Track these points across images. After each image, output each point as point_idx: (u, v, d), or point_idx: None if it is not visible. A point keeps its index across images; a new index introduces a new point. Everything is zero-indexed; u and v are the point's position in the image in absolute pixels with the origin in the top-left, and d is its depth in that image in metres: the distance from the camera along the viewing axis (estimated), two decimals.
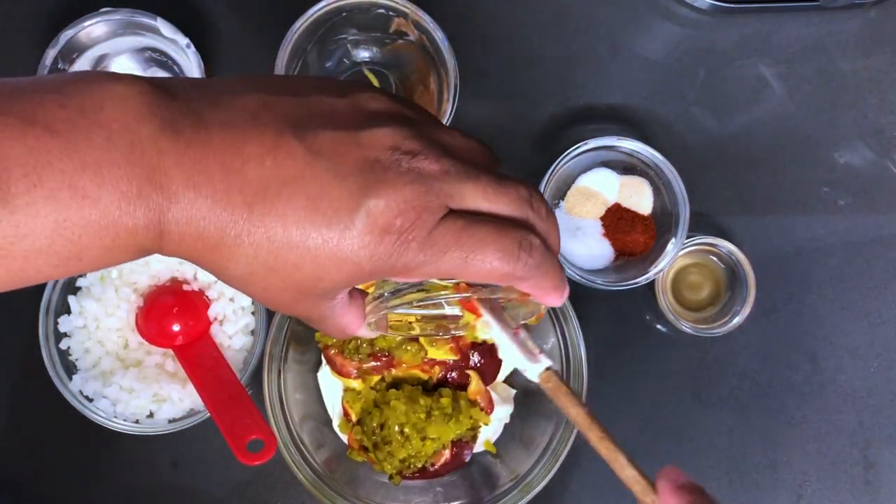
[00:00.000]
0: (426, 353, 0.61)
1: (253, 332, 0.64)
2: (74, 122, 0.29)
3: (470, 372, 0.62)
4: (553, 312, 0.62)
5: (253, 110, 0.32)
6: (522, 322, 0.44)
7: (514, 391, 0.65)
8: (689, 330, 0.66)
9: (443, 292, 0.39)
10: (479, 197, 0.34)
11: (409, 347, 0.60)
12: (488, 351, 0.62)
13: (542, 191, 0.64)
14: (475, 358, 0.62)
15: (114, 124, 0.30)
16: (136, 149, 0.30)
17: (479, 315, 0.46)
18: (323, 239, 0.32)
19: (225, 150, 0.31)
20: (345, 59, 0.67)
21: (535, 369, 0.45)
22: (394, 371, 0.61)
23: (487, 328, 0.46)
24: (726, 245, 0.67)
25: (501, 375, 0.64)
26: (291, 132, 0.32)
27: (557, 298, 0.38)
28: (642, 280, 0.64)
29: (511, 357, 0.46)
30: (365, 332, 0.40)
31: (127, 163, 0.30)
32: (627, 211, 0.67)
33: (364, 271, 0.33)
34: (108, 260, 0.31)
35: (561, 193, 0.68)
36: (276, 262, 0.32)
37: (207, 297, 0.64)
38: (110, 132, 0.30)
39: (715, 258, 0.69)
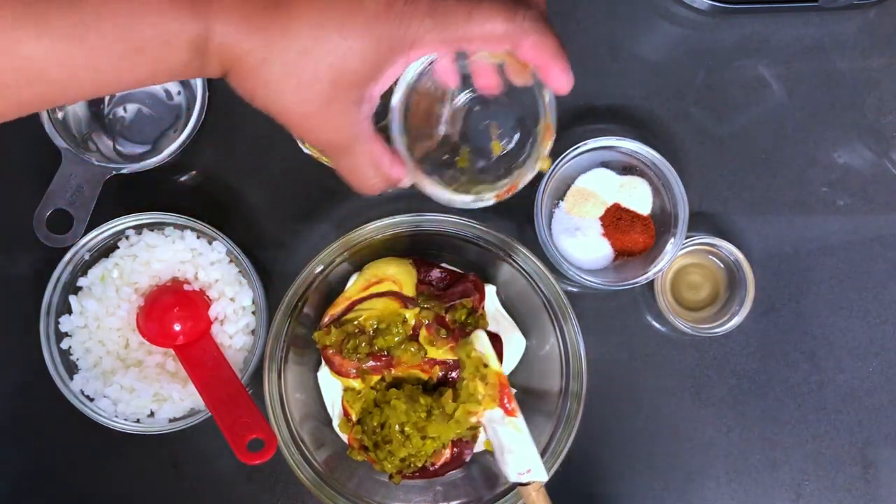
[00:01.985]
0: (426, 353, 0.61)
1: (253, 332, 0.64)
2: None
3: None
4: (553, 312, 0.62)
5: None
6: (538, 163, 0.44)
7: (514, 391, 0.65)
8: (688, 330, 0.66)
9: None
10: None
11: (409, 347, 0.61)
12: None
13: (541, 191, 0.64)
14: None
15: None
16: None
17: (515, 415, 0.58)
18: (345, 12, 0.35)
19: None
20: None
21: (540, 475, 0.55)
22: (393, 371, 0.61)
23: (519, 430, 0.56)
24: (725, 245, 0.67)
25: None
26: None
27: (562, 71, 0.40)
28: (642, 280, 0.64)
29: (528, 458, 0.56)
30: (403, 176, 0.42)
31: None
32: (627, 211, 0.67)
33: (382, 42, 0.36)
34: (167, 58, 0.35)
35: (560, 194, 0.68)
36: (308, 43, 0.35)
37: (208, 296, 0.64)
38: None
39: (714, 258, 0.69)
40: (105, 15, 0.33)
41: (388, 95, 0.41)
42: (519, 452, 0.57)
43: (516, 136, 0.47)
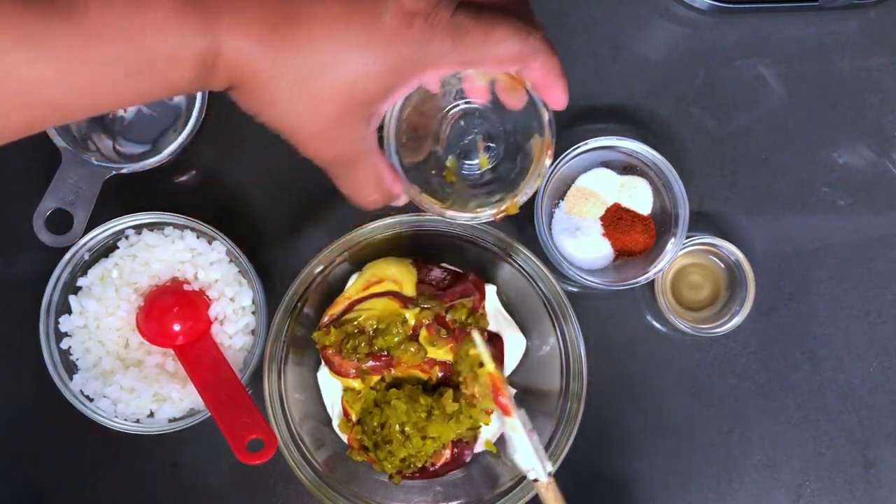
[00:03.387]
0: (426, 353, 0.61)
1: (253, 332, 0.64)
2: None
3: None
4: (553, 312, 0.62)
5: None
6: (538, 179, 0.45)
7: (514, 391, 0.65)
8: (688, 330, 0.66)
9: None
10: None
11: (409, 347, 0.61)
12: (492, 350, 0.62)
13: (541, 191, 0.64)
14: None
15: None
16: None
17: (509, 415, 0.57)
18: (362, 31, 0.35)
19: None
20: None
21: (543, 470, 0.54)
22: (393, 371, 0.61)
23: (514, 429, 0.55)
24: (726, 245, 0.67)
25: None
26: None
27: (563, 91, 0.41)
28: (642, 280, 0.64)
29: (527, 457, 0.56)
30: (401, 193, 0.43)
31: None
32: (627, 211, 0.67)
33: (400, 61, 0.36)
34: (172, 74, 0.34)
35: (561, 193, 0.68)
36: (322, 61, 0.35)
37: (208, 296, 0.64)
38: None
39: (714, 258, 0.69)
40: (108, 34, 0.32)
41: None
42: (522, 451, 0.57)
43: (501, 149, 0.47)
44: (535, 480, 0.57)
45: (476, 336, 0.60)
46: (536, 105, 0.43)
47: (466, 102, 0.45)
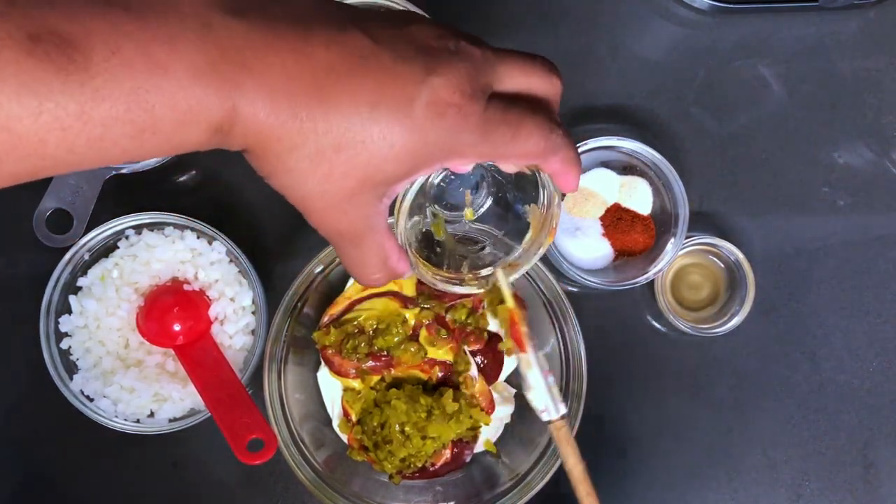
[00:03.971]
0: (426, 353, 0.61)
1: (253, 332, 0.64)
2: (150, 4, 0.31)
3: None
4: (553, 312, 0.62)
5: (312, 7, 0.34)
6: (542, 248, 0.45)
7: (514, 391, 0.65)
8: (688, 330, 0.66)
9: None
10: (517, 73, 0.38)
11: (409, 347, 0.61)
12: (490, 351, 0.62)
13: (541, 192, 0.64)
14: (477, 359, 0.62)
15: (186, 8, 0.31)
16: (208, 29, 0.31)
17: (524, 350, 0.53)
18: (390, 113, 0.34)
19: (294, 36, 0.33)
20: None
21: (556, 411, 0.50)
22: (393, 371, 0.61)
23: (528, 365, 0.51)
24: (726, 245, 0.67)
25: (502, 376, 0.64)
26: (352, 24, 0.34)
27: (576, 178, 0.42)
28: (642, 280, 0.64)
29: (541, 396, 0.52)
30: (407, 271, 0.42)
31: (199, 39, 0.31)
32: (627, 211, 0.67)
33: (426, 147, 0.35)
34: (182, 137, 0.32)
35: (560, 193, 0.68)
36: (345, 137, 0.34)
37: (208, 296, 0.64)
38: (183, 15, 0.31)
39: (714, 258, 0.69)
40: (117, 94, 0.30)
41: None
42: (536, 389, 0.55)
43: (488, 202, 0.47)
44: (549, 422, 0.55)
45: (500, 273, 0.59)
46: (545, 186, 0.43)
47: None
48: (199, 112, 0.31)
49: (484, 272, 0.47)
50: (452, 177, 0.46)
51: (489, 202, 0.47)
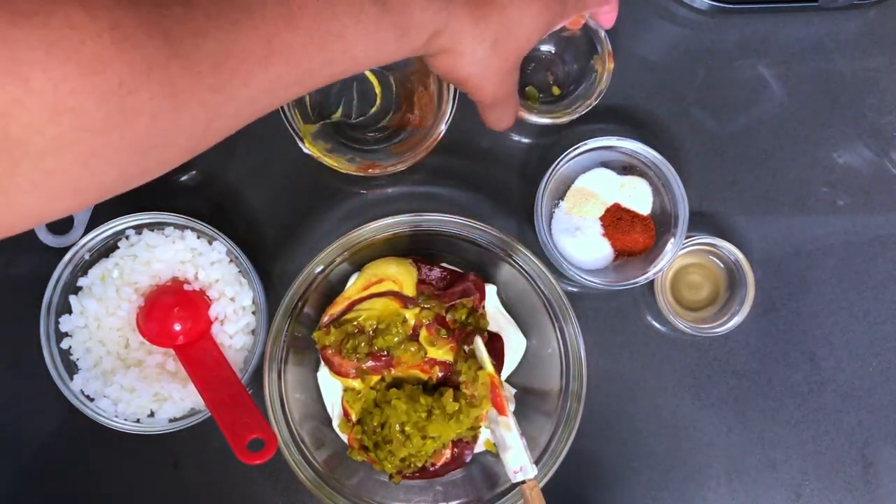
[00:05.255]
0: (426, 353, 0.61)
1: (253, 332, 0.64)
2: None
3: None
4: (553, 312, 0.62)
5: None
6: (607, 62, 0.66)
7: (514, 390, 0.65)
8: (688, 330, 0.66)
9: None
10: None
11: (409, 347, 0.61)
12: (492, 350, 0.62)
13: (541, 191, 0.64)
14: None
15: None
16: None
17: (504, 413, 0.59)
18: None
19: None
20: None
21: (530, 472, 0.57)
22: (393, 371, 0.61)
23: (508, 427, 0.58)
24: (725, 245, 0.67)
25: (503, 376, 0.64)
26: None
27: (614, 10, 0.58)
28: (642, 280, 0.64)
29: (518, 457, 0.58)
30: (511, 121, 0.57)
31: None
32: (627, 211, 0.67)
33: (552, 17, 0.50)
34: (416, 41, 0.45)
35: (560, 194, 0.68)
36: (511, 23, 0.47)
37: (208, 296, 0.64)
38: None
39: (714, 258, 0.69)
40: (399, 7, 0.42)
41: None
42: (513, 450, 0.58)
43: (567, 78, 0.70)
44: (522, 482, 0.57)
45: (478, 341, 0.61)
46: (588, 29, 0.66)
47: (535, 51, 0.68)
48: (430, 21, 0.44)
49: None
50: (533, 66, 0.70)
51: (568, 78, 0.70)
